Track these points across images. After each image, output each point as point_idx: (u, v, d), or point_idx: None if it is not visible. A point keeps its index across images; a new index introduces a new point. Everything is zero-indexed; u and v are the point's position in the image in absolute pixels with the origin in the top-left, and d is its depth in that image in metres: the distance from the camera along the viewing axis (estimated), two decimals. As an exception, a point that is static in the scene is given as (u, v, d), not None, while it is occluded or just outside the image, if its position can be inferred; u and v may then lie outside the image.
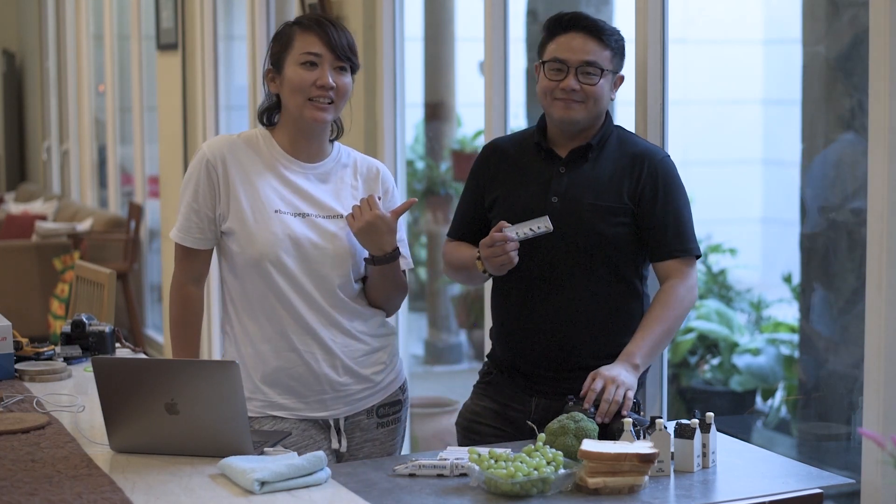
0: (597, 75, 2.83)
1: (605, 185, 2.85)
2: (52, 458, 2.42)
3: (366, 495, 2.28)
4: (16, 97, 12.17)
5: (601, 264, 2.84)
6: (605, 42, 2.84)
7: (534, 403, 2.90)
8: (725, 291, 6.32)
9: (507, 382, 2.95)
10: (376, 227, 2.77)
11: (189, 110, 6.66)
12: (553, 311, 2.86)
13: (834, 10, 4.77)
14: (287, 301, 2.79)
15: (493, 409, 2.95)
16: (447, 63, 7.39)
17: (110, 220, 8.32)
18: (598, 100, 2.85)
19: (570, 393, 2.72)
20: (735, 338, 5.85)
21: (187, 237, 2.84)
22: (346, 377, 2.83)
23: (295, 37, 2.80)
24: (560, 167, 2.89)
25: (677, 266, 2.84)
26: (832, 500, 4.09)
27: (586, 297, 2.85)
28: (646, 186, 2.85)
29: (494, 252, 2.76)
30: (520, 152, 2.96)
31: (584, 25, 2.85)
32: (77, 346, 3.36)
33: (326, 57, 2.77)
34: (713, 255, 6.55)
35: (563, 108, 2.84)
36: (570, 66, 2.83)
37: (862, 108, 4.46)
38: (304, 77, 2.77)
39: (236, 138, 2.87)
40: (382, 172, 2.93)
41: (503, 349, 2.97)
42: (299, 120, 2.81)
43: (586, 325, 2.85)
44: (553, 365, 2.88)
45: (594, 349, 2.84)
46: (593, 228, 2.83)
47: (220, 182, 2.81)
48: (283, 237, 2.77)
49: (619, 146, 2.91)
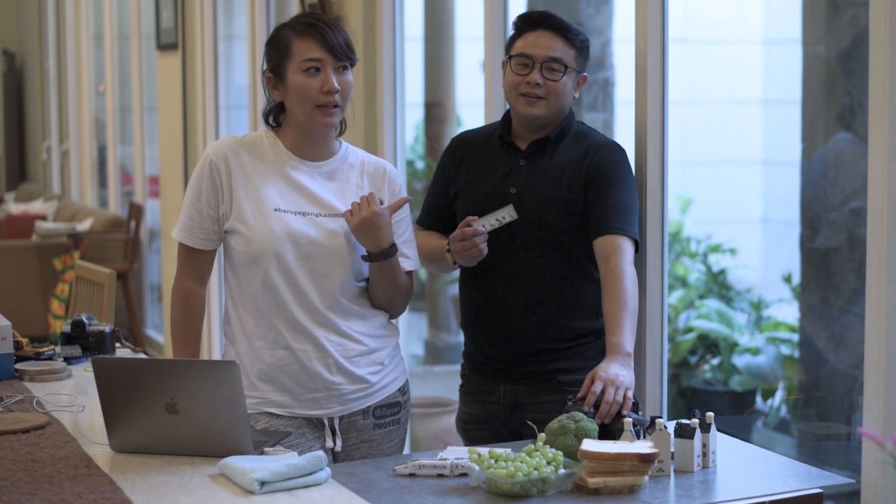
0: (560, 72, 2.94)
1: (560, 177, 2.96)
2: (52, 457, 2.42)
3: (366, 495, 2.29)
4: (16, 97, 12.17)
5: (556, 252, 2.95)
6: (570, 41, 2.96)
7: (502, 390, 3.03)
8: (725, 291, 6.32)
9: (479, 378, 3.08)
10: (373, 223, 2.78)
11: (189, 110, 6.66)
12: (511, 297, 2.98)
13: (834, 9, 4.77)
14: (281, 298, 2.80)
15: (475, 414, 3.08)
16: (447, 63, 7.39)
17: (110, 220, 8.32)
18: (560, 96, 2.95)
19: (534, 377, 2.85)
20: (735, 338, 5.85)
21: (189, 236, 2.86)
22: (339, 376, 2.84)
23: (293, 43, 2.80)
24: (520, 159, 3.01)
25: (617, 241, 2.88)
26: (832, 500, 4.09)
27: (541, 282, 2.96)
28: (591, 172, 2.95)
29: (465, 246, 2.91)
30: (485, 145, 3.08)
31: (551, 24, 2.96)
32: (77, 346, 3.36)
33: (327, 60, 2.78)
34: (713, 255, 6.55)
35: (526, 104, 2.96)
36: (536, 61, 2.94)
37: (862, 108, 4.46)
38: (309, 84, 2.77)
39: (241, 140, 2.88)
40: (389, 172, 2.94)
41: (470, 338, 3.11)
42: (308, 125, 2.82)
43: (542, 310, 2.97)
44: (514, 349, 3.00)
45: (549, 334, 2.97)
46: (548, 217, 2.95)
47: (222, 183, 2.82)
48: (281, 235, 2.78)
49: (576, 140, 3.02)
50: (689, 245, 6.51)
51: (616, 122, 6.33)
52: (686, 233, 6.69)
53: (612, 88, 6.34)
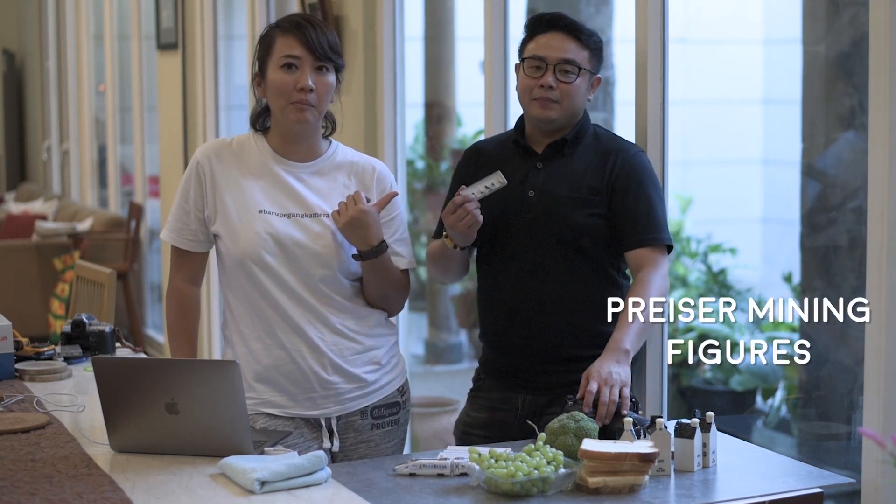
0: (574, 74, 2.89)
1: (580, 178, 2.92)
2: (52, 457, 2.42)
3: (366, 495, 2.29)
4: (16, 97, 12.17)
5: (578, 255, 2.90)
6: (583, 42, 2.91)
7: (520, 400, 2.94)
8: (725, 291, 6.32)
9: (495, 385, 2.99)
10: (360, 221, 2.78)
11: (189, 110, 6.66)
12: (532, 303, 2.91)
13: (834, 9, 4.77)
14: (272, 299, 2.80)
15: (482, 419, 3.00)
16: (447, 63, 7.39)
17: (110, 219, 8.32)
18: (574, 98, 2.91)
19: (556, 388, 2.74)
20: (735, 337, 5.85)
21: (177, 237, 2.89)
22: (335, 375, 2.84)
23: (276, 40, 2.81)
24: (537, 163, 2.96)
25: (649, 254, 2.86)
26: (832, 500, 4.09)
27: (564, 287, 2.90)
28: (618, 177, 2.90)
29: (458, 216, 2.82)
30: (500, 151, 3.03)
31: (563, 25, 2.91)
32: (77, 345, 3.36)
33: (306, 59, 2.78)
34: (713, 255, 6.55)
35: (540, 107, 2.91)
36: (549, 63, 2.89)
37: (862, 108, 4.46)
38: (284, 80, 2.78)
39: (229, 142, 2.90)
40: (379, 171, 2.93)
41: (489, 346, 3.02)
42: (285, 123, 2.83)
43: (565, 316, 2.90)
44: (534, 357, 2.92)
45: (574, 339, 2.90)
46: (569, 220, 2.89)
47: (207, 185, 2.85)
48: (265, 237, 2.79)
49: (595, 142, 2.97)
50: (689, 245, 6.51)
51: (616, 122, 6.33)
52: (686, 232, 6.69)
53: (612, 88, 6.34)
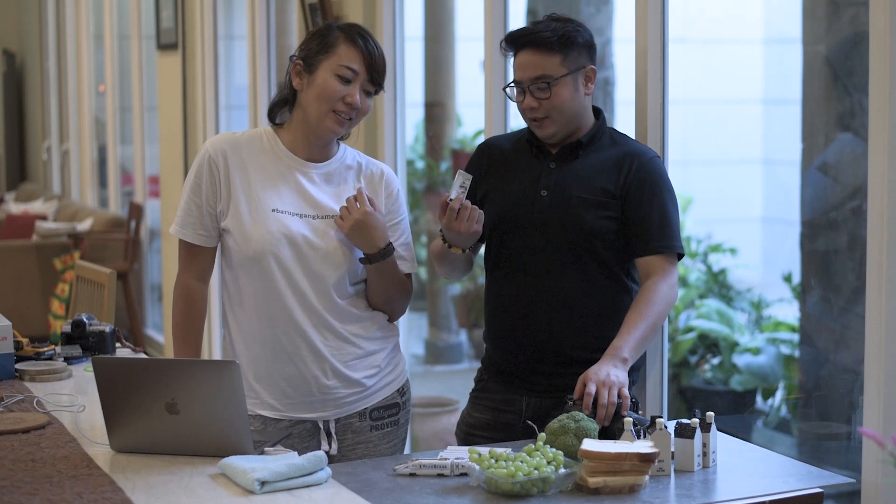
0: (547, 88, 2.84)
1: (594, 180, 2.89)
2: (52, 458, 2.42)
3: (366, 495, 2.28)
4: (16, 97, 12.17)
5: (588, 257, 2.87)
6: (550, 48, 2.83)
7: (525, 403, 2.92)
8: (726, 291, 6.32)
9: (499, 387, 2.97)
10: (366, 223, 2.77)
11: (189, 110, 6.66)
12: (541, 304, 2.89)
13: (834, 9, 4.77)
14: (280, 301, 2.79)
15: (485, 420, 2.97)
16: (447, 63, 7.40)
17: (110, 219, 8.32)
18: (562, 108, 2.86)
19: (561, 391, 2.73)
20: (735, 337, 5.85)
21: (188, 232, 2.85)
22: (334, 381, 2.83)
23: (338, 45, 2.78)
24: (551, 163, 2.93)
25: (659, 263, 2.84)
26: (832, 500, 4.09)
27: (574, 289, 2.87)
28: (632, 182, 2.87)
29: (450, 217, 2.81)
30: (513, 149, 3.01)
31: (526, 41, 2.86)
32: (77, 345, 3.36)
33: (362, 76, 2.77)
34: (713, 255, 6.55)
35: (537, 127, 2.90)
36: (524, 86, 2.87)
37: (862, 108, 4.46)
38: (335, 88, 2.76)
39: (239, 136, 2.87)
40: (387, 175, 2.92)
41: (494, 347, 2.99)
42: (316, 126, 2.81)
43: (574, 317, 2.88)
44: (542, 358, 2.89)
45: (582, 342, 2.87)
46: (581, 220, 2.86)
47: (220, 179, 2.81)
48: (279, 236, 2.77)
49: (611, 144, 2.95)
50: (689, 245, 6.52)
51: (616, 122, 6.33)
52: (686, 232, 6.70)
53: (612, 88, 6.34)
